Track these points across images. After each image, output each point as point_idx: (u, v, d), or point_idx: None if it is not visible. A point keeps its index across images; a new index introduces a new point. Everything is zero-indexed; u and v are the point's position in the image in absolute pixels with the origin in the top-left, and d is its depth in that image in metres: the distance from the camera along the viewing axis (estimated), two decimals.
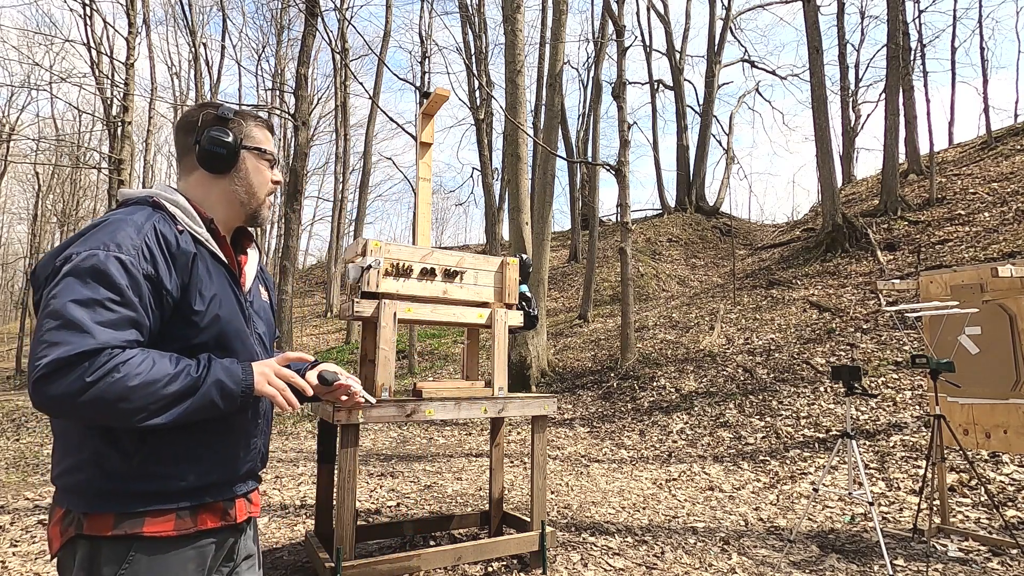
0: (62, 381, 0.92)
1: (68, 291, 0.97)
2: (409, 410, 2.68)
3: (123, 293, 1.00)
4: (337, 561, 2.44)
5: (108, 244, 1.01)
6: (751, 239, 21.06)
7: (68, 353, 0.92)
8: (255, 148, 1.24)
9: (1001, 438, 3.46)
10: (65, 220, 27.57)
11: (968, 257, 8.88)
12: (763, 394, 7.07)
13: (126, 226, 1.04)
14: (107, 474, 1.02)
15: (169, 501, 1.06)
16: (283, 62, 25.02)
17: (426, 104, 3.35)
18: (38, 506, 4.25)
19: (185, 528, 1.08)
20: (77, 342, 0.93)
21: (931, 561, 3.17)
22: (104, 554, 1.02)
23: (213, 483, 1.12)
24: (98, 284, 0.98)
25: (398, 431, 7.94)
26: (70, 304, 0.96)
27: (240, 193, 1.23)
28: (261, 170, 1.25)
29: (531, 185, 12.02)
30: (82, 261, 0.99)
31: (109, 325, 0.98)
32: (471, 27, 18.71)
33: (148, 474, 1.04)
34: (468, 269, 3.00)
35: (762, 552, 3.40)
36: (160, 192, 1.16)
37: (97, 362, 0.94)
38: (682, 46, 24.28)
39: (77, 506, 1.03)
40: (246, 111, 1.26)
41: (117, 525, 1.02)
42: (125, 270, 1.00)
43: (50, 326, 0.95)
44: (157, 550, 1.05)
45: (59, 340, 0.93)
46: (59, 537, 1.05)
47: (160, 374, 0.99)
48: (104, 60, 19.78)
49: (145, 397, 0.97)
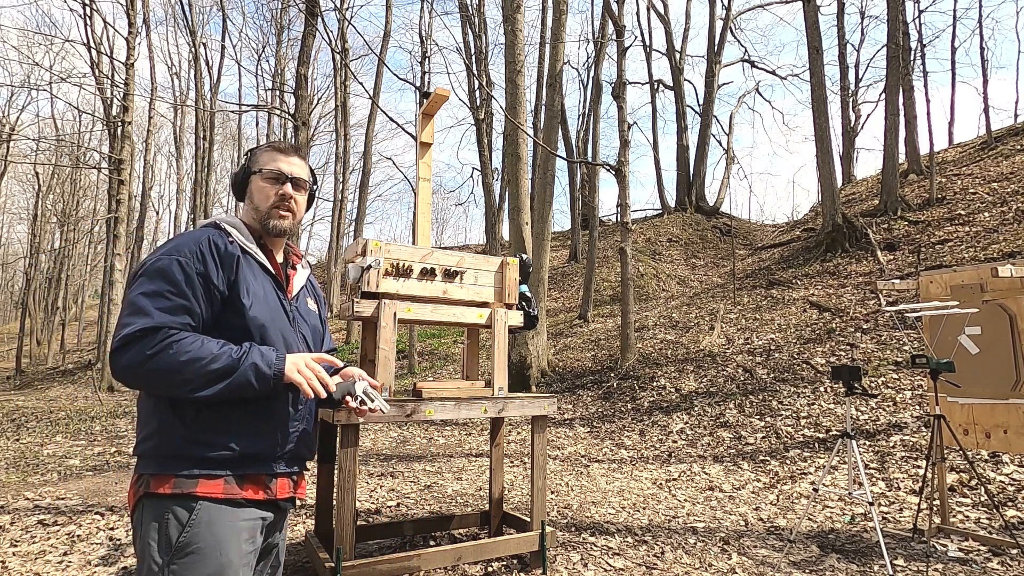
0: (128, 352, 1.19)
1: (138, 287, 1.26)
2: (409, 410, 2.68)
3: (178, 286, 1.26)
4: (337, 561, 2.44)
5: (171, 251, 1.30)
6: (751, 239, 21.06)
7: (133, 329, 1.19)
8: (255, 171, 1.47)
9: (1001, 438, 3.46)
10: (65, 220, 27.57)
11: (968, 257, 8.88)
12: (763, 394, 7.07)
13: (188, 238, 1.34)
14: (170, 440, 1.25)
15: (217, 467, 1.26)
16: (283, 62, 25.02)
17: (426, 104, 3.35)
18: (38, 506, 4.25)
19: (232, 493, 1.27)
20: (140, 322, 1.21)
21: (931, 561, 3.17)
22: (171, 516, 1.22)
23: (254, 456, 1.31)
24: (160, 280, 1.26)
25: (398, 431, 7.94)
26: (139, 295, 1.24)
27: (251, 209, 1.47)
28: (264, 188, 1.46)
29: (531, 185, 12.02)
30: (151, 265, 1.28)
31: (166, 311, 1.23)
32: (471, 27, 18.71)
33: (200, 441, 1.26)
34: (468, 269, 3.00)
35: (762, 552, 3.40)
36: (222, 217, 1.45)
37: (156, 338, 1.20)
38: (682, 46, 24.28)
39: (146, 469, 1.25)
40: (266, 143, 1.53)
41: (176, 485, 1.23)
42: (182, 269, 1.27)
43: (124, 312, 1.24)
44: (212, 515, 1.24)
45: (128, 321, 1.21)
46: (132, 499, 1.28)
47: (206, 353, 1.22)
48: (104, 60, 19.77)
49: (193, 372, 1.20)
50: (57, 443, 7.11)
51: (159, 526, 1.21)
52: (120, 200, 15.85)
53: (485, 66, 19.21)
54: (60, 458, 6.14)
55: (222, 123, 30.93)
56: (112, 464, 5.89)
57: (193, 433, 1.25)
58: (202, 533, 1.21)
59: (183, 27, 24.94)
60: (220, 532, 1.23)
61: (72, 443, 7.10)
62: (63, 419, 9.15)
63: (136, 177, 23.77)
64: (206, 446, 1.26)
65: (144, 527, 1.22)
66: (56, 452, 6.49)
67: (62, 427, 8.37)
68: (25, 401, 12.83)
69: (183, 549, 1.20)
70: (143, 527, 1.23)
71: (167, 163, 37.29)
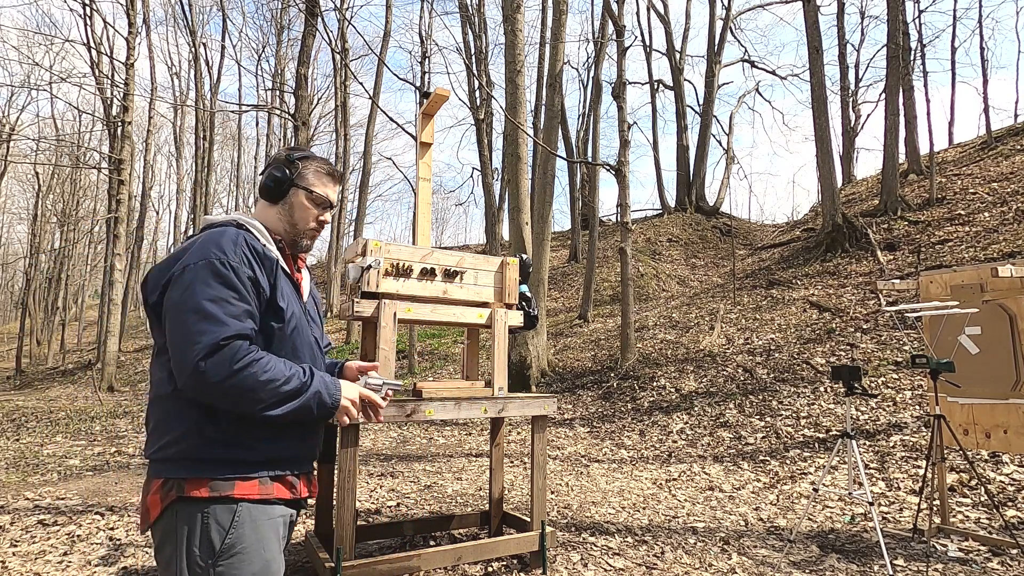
0: (214, 362, 1.16)
1: (198, 292, 1.20)
2: (409, 410, 2.68)
3: (239, 290, 1.24)
4: (337, 561, 2.44)
5: (216, 252, 1.24)
6: (751, 239, 21.05)
7: (215, 338, 1.17)
8: (304, 188, 1.45)
9: (1001, 438, 3.46)
10: (65, 220, 27.57)
11: (968, 257, 8.88)
12: (763, 394, 7.07)
13: (224, 239, 1.27)
14: (204, 443, 1.23)
15: (253, 469, 1.27)
16: (283, 62, 25.02)
17: (426, 104, 3.35)
18: (38, 506, 4.25)
19: (267, 493, 1.28)
20: (219, 330, 1.18)
21: (931, 561, 3.17)
22: (212, 520, 1.21)
23: (286, 458, 1.33)
24: (220, 284, 1.22)
25: (398, 431, 7.94)
26: (204, 302, 1.19)
27: (285, 221, 1.45)
28: (306, 207, 1.46)
29: (531, 185, 12.01)
30: (201, 268, 1.22)
31: (235, 317, 1.22)
32: (471, 27, 18.72)
33: (238, 443, 1.25)
34: (468, 269, 3.00)
35: (762, 552, 3.40)
36: (240, 217, 1.40)
37: (240, 351, 1.18)
38: (682, 46, 24.27)
39: (176, 473, 1.22)
40: (314, 157, 1.50)
41: (213, 488, 1.22)
42: (235, 272, 1.24)
43: (194, 319, 1.18)
44: (252, 515, 1.25)
45: (206, 329, 1.17)
46: (159, 504, 1.22)
47: (280, 374, 1.23)
48: (104, 60, 19.77)
49: (268, 392, 1.21)
50: (57, 443, 7.11)
51: (199, 529, 1.20)
52: (120, 200, 15.86)
53: (485, 66, 19.21)
54: (60, 458, 6.14)
55: (222, 123, 30.94)
56: (112, 464, 5.90)
57: (231, 436, 1.24)
58: (246, 533, 1.22)
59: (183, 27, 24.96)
60: (262, 530, 1.25)
61: (72, 443, 7.10)
62: (63, 419, 9.15)
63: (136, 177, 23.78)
64: (243, 449, 1.26)
65: (179, 532, 1.20)
66: (56, 452, 6.49)
67: (62, 427, 8.37)
68: (25, 401, 12.83)
69: (229, 550, 1.20)
70: (177, 532, 1.20)
71: (167, 163, 37.33)
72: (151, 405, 1.29)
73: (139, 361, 20.10)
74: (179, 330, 1.19)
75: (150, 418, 1.29)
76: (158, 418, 1.27)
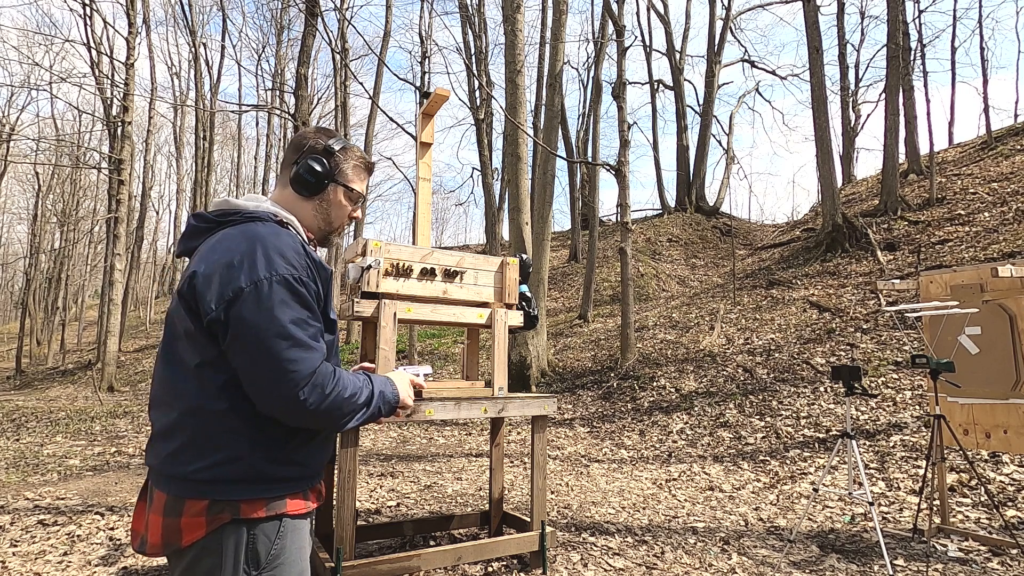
0: (311, 391, 1.15)
1: (280, 314, 1.14)
2: (409, 410, 2.68)
3: (313, 309, 1.20)
4: (337, 561, 2.44)
5: (286, 267, 1.16)
6: (751, 239, 21.06)
7: (311, 368, 1.15)
8: (344, 185, 1.39)
9: (1001, 438, 3.46)
10: (65, 220, 27.57)
11: (968, 257, 8.88)
12: (763, 394, 7.07)
13: (283, 245, 1.19)
14: (260, 464, 1.18)
15: (301, 484, 1.25)
16: (283, 62, 25.03)
17: (426, 104, 3.35)
18: (38, 506, 4.26)
19: (308, 506, 1.28)
20: (309, 356, 1.15)
21: (931, 561, 3.17)
22: (260, 533, 1.18)
23: (319, 469, 1.33)
24: (298, 304, 1.17)
25: (398, 431, 7.94)
26: (289, 325, 1.14)
27: (319, 218, 1.39)
28: (344, 205, 1.40)
29: (531, 185, 12.01)
30: (277, 286, 1.14)
31: (315, 338, 1.18)
32: (471, 27, 18.72)
33: (292, 461, 1.23)
34: (468, 269, 3.00)
35: (762, 552, 3.40)
36: (277, 210, 1.30)
37: (327, 375, 1.18)
38: (682, 46, 24.28)
39: (229, 495, 1.15)
40: (353, 148, 1.41)
41: (268, 507, 1.19)
42: (307, 289, 1.19)
43: (283, 346, 1.13)
44: (294, 526, 1.24)
45: (297, 357, 1.14)
46: (204, 526, 1.15)
47: (355, 388, 1.25)
48: (104, 60, 19.78)
49: (350, 407, 1.23)
50: (57, 443, 7.11)
51: (246, 545, 1.17)
52: (120, 200, 15.86)
53: (485, 66, 19.21)
54: (60, 458, 6.14)
55: (222, 123, 30.95)
56: (112, 464, 5.90)
57: (287, 455, 1.22)
58: (288, 544, 1.22)
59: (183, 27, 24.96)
60: (299, 540, 1.26)
61: (72, 443, 7.10)
62: (63, 419, 9.15)
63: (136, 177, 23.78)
64: (296, 466, 1.24)
65: (224, 548, 1.15)
66: (56, 452, 6.49)
67: (62, 427, 8.37)
68: (25, 401, 12.83)
69: (273, 561, 1.20)
70: (223, 549, 1.15)
71: (167, 163, 37.34)
72: (183, 418, 1.17)
73: (139, 361, 20.11)
74: (265, 357, 1.13)
75: (177, 431, 1.17)
76: (197, 434, 1.16)
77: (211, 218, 1.26)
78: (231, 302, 1.13)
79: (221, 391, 1.16)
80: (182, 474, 1.16)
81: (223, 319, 1.13)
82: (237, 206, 1.27)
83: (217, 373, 1.16)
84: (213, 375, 1.16)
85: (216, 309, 1.13)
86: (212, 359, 1.16)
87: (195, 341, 1.17)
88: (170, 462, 1.17)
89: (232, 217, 1.25)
